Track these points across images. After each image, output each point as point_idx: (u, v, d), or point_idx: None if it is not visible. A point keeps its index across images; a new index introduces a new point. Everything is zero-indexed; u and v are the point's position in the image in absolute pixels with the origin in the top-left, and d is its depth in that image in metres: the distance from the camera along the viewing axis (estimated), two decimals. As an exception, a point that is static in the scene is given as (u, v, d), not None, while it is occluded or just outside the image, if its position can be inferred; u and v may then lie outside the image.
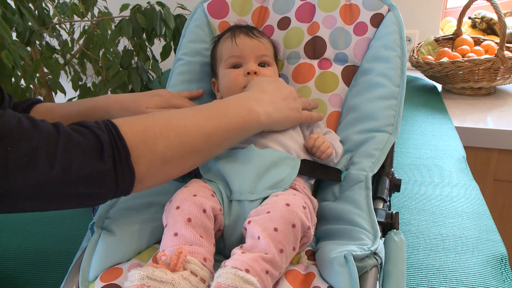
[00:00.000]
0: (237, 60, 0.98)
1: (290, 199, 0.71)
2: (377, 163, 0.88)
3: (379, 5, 1.05)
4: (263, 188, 0.79)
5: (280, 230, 0.66)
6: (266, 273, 0.63)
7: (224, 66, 1.00)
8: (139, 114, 0.85)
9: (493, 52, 1.77)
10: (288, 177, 0.81)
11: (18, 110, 0.96)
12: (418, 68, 1.85)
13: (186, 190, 0.76)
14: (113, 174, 0.62)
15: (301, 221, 0.69)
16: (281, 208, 0.69)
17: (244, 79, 0.96)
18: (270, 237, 0.66)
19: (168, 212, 0.74)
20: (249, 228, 0.68)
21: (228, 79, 0.98)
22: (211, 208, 0.73)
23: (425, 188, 1.18)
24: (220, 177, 0.82)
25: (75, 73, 1.99)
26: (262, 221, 0.68)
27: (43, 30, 1.79)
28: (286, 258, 0.67)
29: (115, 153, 0.62)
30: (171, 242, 0.69)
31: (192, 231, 0.69)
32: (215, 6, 1.12)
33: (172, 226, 0.71)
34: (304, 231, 0.70)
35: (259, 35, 1.01)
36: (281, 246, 0.66)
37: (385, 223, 0.78)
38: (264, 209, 0.70)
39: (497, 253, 0.93)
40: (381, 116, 0.94)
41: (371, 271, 0.66)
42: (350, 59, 1.07)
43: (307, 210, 0.72)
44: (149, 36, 1.81)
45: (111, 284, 0.67)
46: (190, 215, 0.71)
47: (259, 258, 0.63)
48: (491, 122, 1.65)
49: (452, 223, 1.03)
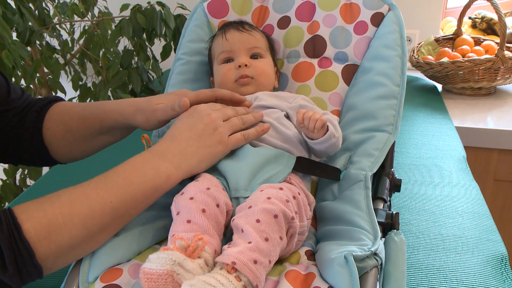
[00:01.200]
0: (228, 55, 0.99)
1: (272, 193, 0.71)
2: (377, 162, 0.88)
3: (379, 4, 1.05)
4: (256, 184, 0.79)
5: (262, 220, 0.66)
6: (254, 262, 0.62)
7: (217, 63, 1.01)
8: (150, 112, 0.86)
9: (493, 52, 1.77)
10: (281, 172, 0.81)
11: (34, 108, 0.96)
12: (418, 68, 1.85)
13: (198, 184, 0.75)
14: (18, 276, 0.61)
15: (283, 212, 0.68)
16: (262, 201, 0.69)
17: (235, 73, 0.97)
18: (253, 228, 0.66)
19: (179, 202, 0.73)
20: (234, 224, 0.68)
21: (221, 74, 0.99)
22: (224, 203, 0.73)
23: (425, 188, 1.18)
24: (220, 175, 0.82)
25: (75, 73, 2.00)
26: (244, 216, 0.68)
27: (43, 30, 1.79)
28: (273, 246, 0.66)
29: (17, 257, 0.61)
30: (183, 227, 0.68)
31: (206, 220, 0.69)
32: (215, 6, 1.12)
33: (185, 213, 0.70)
34: (288, 221, 0.70)
35: (249, 28, 1.02)
36: (266, 234, 0.65)
37: (385, 223, 0.77)
38: (247, 204, 0.70)
39: (497, 253, 0.93)
40: (381, 116, 0.94)
41: (372, 271, 0.66)
42: (350, 58, 1.07)
43: (291, 203, 0.71)
44: (149, 36, 1.81)
45: (112, 284, 0.67)
46: (205, 206, 0.70)
47: (245, 249, 0.63)
48: (491, 122, 1.65)
49: (452, 223, 1.03)
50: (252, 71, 0.97)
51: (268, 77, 0.99)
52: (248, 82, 0.97)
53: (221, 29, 1.04)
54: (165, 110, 0.85)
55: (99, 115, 0.92)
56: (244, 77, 0.97)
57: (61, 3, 1.98)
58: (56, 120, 0.96)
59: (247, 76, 0.97)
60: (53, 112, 0.97)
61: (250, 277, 0.61)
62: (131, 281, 0.68)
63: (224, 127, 0.81)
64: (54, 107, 0.98)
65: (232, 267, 0.61)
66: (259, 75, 0.98)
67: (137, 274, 0.69)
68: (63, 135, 0.95)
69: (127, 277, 0.68)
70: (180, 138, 0.79)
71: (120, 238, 0.74)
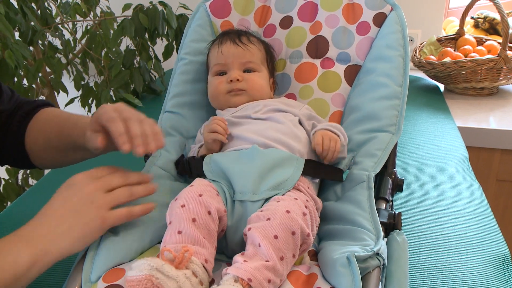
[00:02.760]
0: (221, 68, 1.00)
1: (290, 205, 0.71)
2: (379, 163, 0.88)
3: (381, 4, 1.04)
4: (265, 189, 0.78)
5: (280, 237, 0.66)
6: (268, 282, 0.63)
7: (211, 73, 1.02)
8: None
9: (496, 52, 1.77)
10: (291, 178, 0.81)
11: (20, 112, 0.96)
12: (421, 68, 1.84)
13: (191, 190, 0.76)
14: None
15: (301, 228, 0.69)
16: (281, 215, 0.69)
17: (226, 86, 0.98)
18: (271, 245, 0.66)
19: (172, 210, 0.74)
20: (250, 235, 0.68)
21: (212, 87, 1.01)
22: (216, 210, 0.73)
23: (428, 188, 1.17)
24: (223, 177, 0.82)
25: (78, 73, 2.00)
26: (262, 228, 0.68)
27: (46, 29, 1.79)
28: (286, 265, 0.67)
29: None
30: (174, 239, 0.69)
31: (196, 231, 0.69)
32: (217, 6, 1.12)
33: (176, 224, 0.71)
34: (304, 238, 0.70)
35: (246, 42, 1.01)
36: (282, 253, 0.66)
37: (388, 223, 0.77)
38: (264, 215, 0.70)
39: (500, 253, 0.93)
40: (384, 116, 0.94)
41: (374, 272, 0.66)
42: (353, 58, 1.07)
43: (307, 216, 0.72)
44: (151, 36, 1.81)
45: (114, 284, 0.67)
46: (195, 215, 0.71)
47: (262, 266, 0.63)
48: (493, 122, 1.65)
49: (454, 223, 1.03)
50: (244, 84, 0.98)
51: (260, 89, 1.00)
52: (240, 93, 0.98)
53: (219, 38, 1.04)
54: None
55: (73, 131, 0.89)
56: (236, 90, 0.98)
57: (64, 3, 1.98)
58: (38, 127, 0.96)
59: (239, 89, 0.98)
60: (37, 119, 0.97)
61: None
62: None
63: (104, 199, 0.71)
64: (39, 113, 0.98)
65: (248, 283, 0.62)
66: (251, 88, 0.99)
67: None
68: (43, 143, 0.95)
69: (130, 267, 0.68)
70: (52, 216, 0.69)
71: (122, 238, 0.74)
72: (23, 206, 1.18)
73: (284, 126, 0.90)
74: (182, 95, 1.05)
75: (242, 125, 0.92)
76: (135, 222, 0.77)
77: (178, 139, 1.01)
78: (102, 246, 0.72)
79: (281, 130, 0.89)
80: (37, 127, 0.96)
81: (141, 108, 1.79)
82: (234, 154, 0.85)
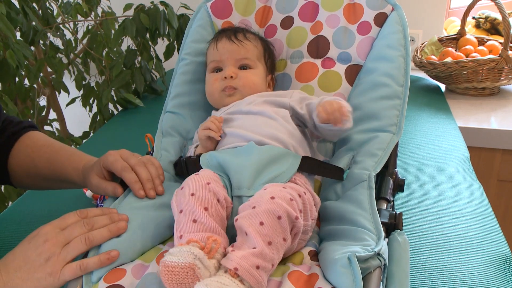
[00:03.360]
0: (217, 65, 1.01)
1: (275, 192, 0.71)
2: (380, 162, 0.88)
3: (382, 4, 1.04)
4: (260, 183, 0.79)
5: (265, 223, 0.67)
6: (256, 268, 0.63)
7: (208, 71, 1.03)
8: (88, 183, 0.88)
9: (497, 52, 1.77)
10: (286, 172, 0.81)
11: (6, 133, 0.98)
12: (422, 68, 1.84)
13: (198, 178, 0.76)
14: None
15: (287, 212, 0.68)
16: (265, 201, 0.69)
17: (221, 83, 0.99)
18: (257, 231, 0.66)
19: (180, 198, 0.73)
20: (237, 225, 0.69)
21: (208, 84, 1.02)
22: (224, 199, 0.73)
23: (429, 188, 1.17)
24: (222, 171, 0.82)
25: (79, 73, 2.00)
26: (248, 217, 0.68)
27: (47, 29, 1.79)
28: (277, 249, 0.67)
29: None
30: (189, 228, 0.69)
31: (211, 219, 0.70)
32: (218, 6, 1.12)
33: (189, 212, 0.70)
34: (292, 221, 0.70)
35: (241, 38, 1.02)
36: (269, 238, 0.66)
37: (389, 223, 0.77)
38: (250, 204, 0.71)
39: (501, 253, 0.93)
40: (385, 116, 0.94)
41: (375, 272, 0.66)
42: (354, 58, 1.07)
43: (294, 202, 0.71)
44: (152, 36, 1.81)
45: (115, 285, 0.67)
46: (207, 204, 0.71)
47: (249, 254, 0.64)
48: (494, 122, 1.64)
49: (455, 223, 1.03)
50: (237, 82, 0.98)
51: (253, 87, 1.00)
52: (233, 93, 0.99)
53: (216, 36, 1.05)
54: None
55: (67, 166, 0.94)
56: (229, 88, 0.98)
57: (65, 3, 1.98)
58: (25, 151, 0.99)
59: (232, 87, 0.98)
60: (23, 142, 1.00)
61: (252, 283, 0.62)
62: (134, 281, 0.68)
63: (59, 257, 0.70)
64: (25, 137, 1.01)
65: (235, 272, 0.62)
66: (243, 86, 0.99)
67: (140, 275, 0.69)
68: (28, 168, 0.98)
69: (130, 278, 0.68)
70: (10, 267, 0.70)
71: (124, 239, 0.74)
72: (24, 206, 1.18)
73: (277, 122, 0.91)
74: (183, 95, 1.05)
75: (235, 121, 0.92)
76: (135, 222, 0.77)
77: (178, 140, 1.01)
78: (103, 246, 0.72)
79: (274, 126, 0.89)
80: (25, 152, 0.98)
81: (142, 108, 1.79)
82: (231, 151, 0.86)
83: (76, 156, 0.97)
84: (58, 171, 0.95)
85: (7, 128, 0.99)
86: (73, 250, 0.71)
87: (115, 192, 0.84)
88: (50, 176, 0.97)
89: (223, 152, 0.86)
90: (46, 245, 0.71)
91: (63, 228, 0.74)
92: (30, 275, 0.69)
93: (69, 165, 0.95)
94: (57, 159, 0.96)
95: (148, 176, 0.85)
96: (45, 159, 0.97)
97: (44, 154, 0.97)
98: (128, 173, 0.84)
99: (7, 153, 0.99)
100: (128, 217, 0.77)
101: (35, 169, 0.97)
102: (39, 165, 0.97)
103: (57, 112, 2.11)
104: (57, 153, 0.98)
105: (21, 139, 1.00)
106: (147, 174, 0.85)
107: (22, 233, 1.05)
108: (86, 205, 1.13)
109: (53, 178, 0.97)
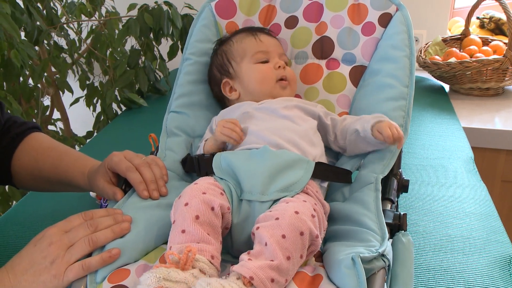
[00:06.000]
0: (264, 56, 1.01)
1: (299, 207, 0.71)
2: (388, 165, 0.87)
3: (387, 4, 1.04)
4: (274, 190, 0.78)
5: (288, 237, 0.66)
6: (271, 281, 0.63)
7: (250, 61, 1.01)
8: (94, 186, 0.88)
9: (502, 52, 1.76)
10: (301, 181, 0.80)
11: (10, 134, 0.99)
12: (426, 68, 1.84)
13: (195, 187, 0.76)
14: None
15: (310, 230, 0.68)
16: (290, 215, 0.68)
17: (275, 73, 0.99)
18: (278, 244, 0.65)
19: (176, 208, 0.74)
20: (257, 234, 0.68)
21: (261, 72, 0.99)
22: (219, 206, 0.73)
23: (433, 188, 1.17)
24: (231, 176, 0.82)
25: (83, 72, 2.01)
26: (270, 228, 0.67)
27: (51, 29, 1.80)
28: (293, 265, 0.66)
29: None
30: (178, 238, 0.69)
31: (200, 228, 0.70)
32: (222, 6, 1.12)
33: (180, 223, 0.71)
34: (312, 239, 0.70)
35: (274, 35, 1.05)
36: (288, 253, 0.65)
37: (393, 224, 0.77)
38: (273, 215, 0.70)
39: (505, 254, 0.93)
40: (391, 117, 0.93)
41: (379, 273, 0.66)
42: (358, 59, 1.06)
43: (316, 218, 0.71)
44: (156, 36, 1.81)
45: (119, 285, 0.67)
46: (198, 213, 0.71)
47: (266, 266, 0.63)
48: (499, 122, 1.64)
49: (459, 224, 1.03)
50: (287, 74, 0.99)
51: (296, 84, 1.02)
52: (286, 85, 1.00)
53: (247, 31, 1.04)
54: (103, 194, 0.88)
55: (72, 170, 0.95)
56: (285, 79, 0.99)
57: (69, 3, 1.98)
58: (29, 153, 0.99)
59: (286, 78, 0.99)
60: (28, 144, 1.00)
61: None
62: (138, 281, 0.68)
63: (64, 258, 0.71)
64: (29, 138, 1.01)
65: (249, 281, 0.62)
66: (292, 80, 1.00)
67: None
68: (31, 170, 0.98)
69: (134, 278, 0.69)
70: (17, 270, 0.70)
71: (127, 239, 0.74)
72: (28, 206, 1.19)
73: (303, 129, 0.90)
74: (187, 95, 1.05)
75: (261, 120, 0.91)
76: (139, 223, 0.77)
77: (183, 138, 1.00)
78: (107, 247, 0.72)
79: (298, 133, 0.89)
80: (29, 154, 0.99)
81: (146, 108, 1.79)
82: (245, 153, 0.85)
83: (82, 160, 0.97)
84: (62, 174, 0.96)
85: (11, 129, 1.00)
86: (77, 252, 0.72)
87: (115, 197, 0.85)
88: (54, 179, 0.97)
89: (235, 155, 0.85)
90: (51, 248, 0.71)
91: (68, 230, 0.74)
92: (36, 278, 0.70)
93: (74, 169, 0.95)
94: (62, 163, 0.97)
95: (152, 177, 0.85)
96: (50, 161, 0.97)
97: (49, 157, 0.98)
98: (132, 173, 0.84)
99: (10, 154, 0.99)
100: (131, 218, 0.78)
101: (39, 171, 0.98)
102: (43, 168, 0.97)
103: (61, 111, 2.11)
104: (62, 156, 0.98)
105: (25, 140, 1.00)
106: (151, 175, 0.85)
107: (26, 233, 1.05)
108: (90, 205, 1.14)
109: (57, 181, 0.97)
